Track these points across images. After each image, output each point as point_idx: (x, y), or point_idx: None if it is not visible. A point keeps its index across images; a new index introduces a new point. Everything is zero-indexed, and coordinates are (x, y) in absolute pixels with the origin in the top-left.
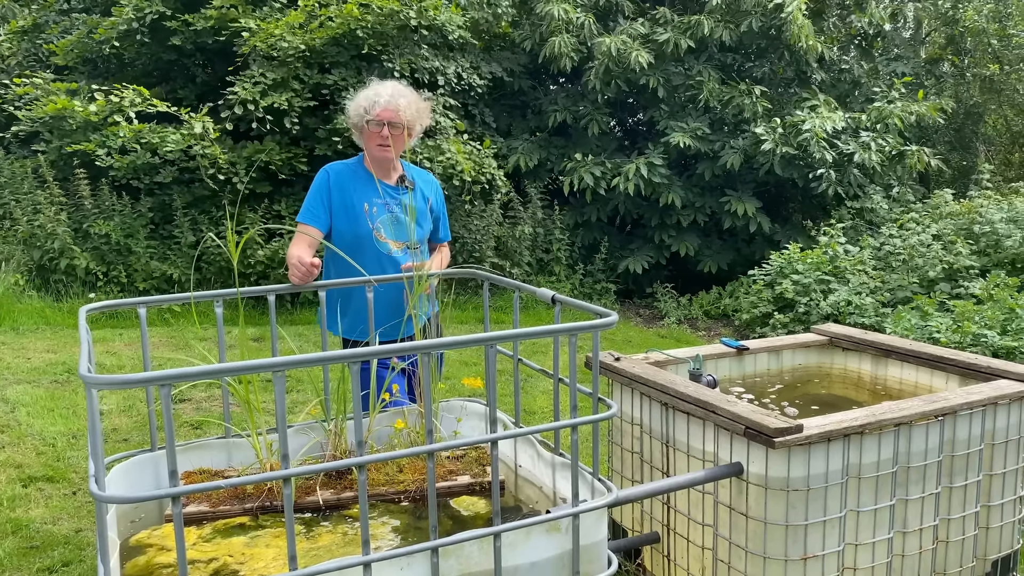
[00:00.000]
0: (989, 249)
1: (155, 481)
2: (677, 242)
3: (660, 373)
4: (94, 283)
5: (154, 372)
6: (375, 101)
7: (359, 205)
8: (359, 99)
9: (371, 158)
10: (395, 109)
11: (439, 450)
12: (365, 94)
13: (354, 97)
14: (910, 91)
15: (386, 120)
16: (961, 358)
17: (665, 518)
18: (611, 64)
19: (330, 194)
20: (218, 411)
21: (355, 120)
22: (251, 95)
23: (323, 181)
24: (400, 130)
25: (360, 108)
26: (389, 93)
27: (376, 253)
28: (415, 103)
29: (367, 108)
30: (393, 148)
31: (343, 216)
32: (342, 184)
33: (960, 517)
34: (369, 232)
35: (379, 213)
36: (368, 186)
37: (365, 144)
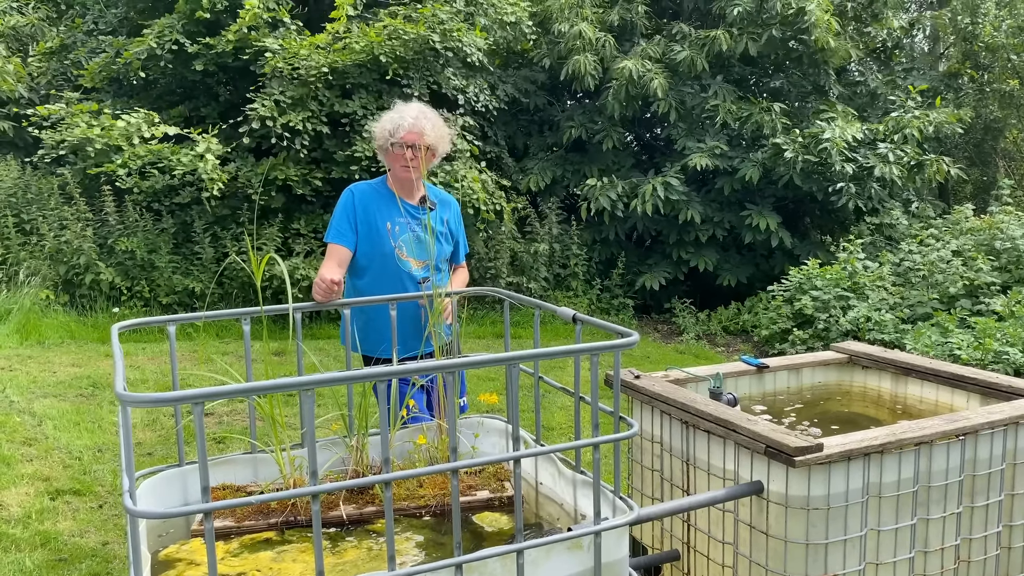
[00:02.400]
0: (1011, 265)
1: (183, 496)
2: (696, 257)
3: (680, 391)
4: (118, 298)
5: (188, 391)
6: (400, 124)
7: (382, 224)
8: (384, 121)
9: (395, 178)
10: (419, 132)
11: (463, 467)
12: (391, 116)
13: (379, 118)
14: (927, 100)
15: (410, 143)
16: (982, 377)
17: (685, 536)
18: (630, 87)
19: (355, 213)
20: (240, 425)
21: (380, 142)
22: (270, 112)
23: (348, 201)
24: (424, 152)
25: (385, 130)
26: (414, 116)
27: (398, 271)
28: (439, 126)
29: (392, 131)
30: (416, 169)
31: (367, 235)
32: (366, 204)
33: (982, 537)
34: (392, 251)
35: (401, 232)
36: (391, 205)
37: (390, 164)
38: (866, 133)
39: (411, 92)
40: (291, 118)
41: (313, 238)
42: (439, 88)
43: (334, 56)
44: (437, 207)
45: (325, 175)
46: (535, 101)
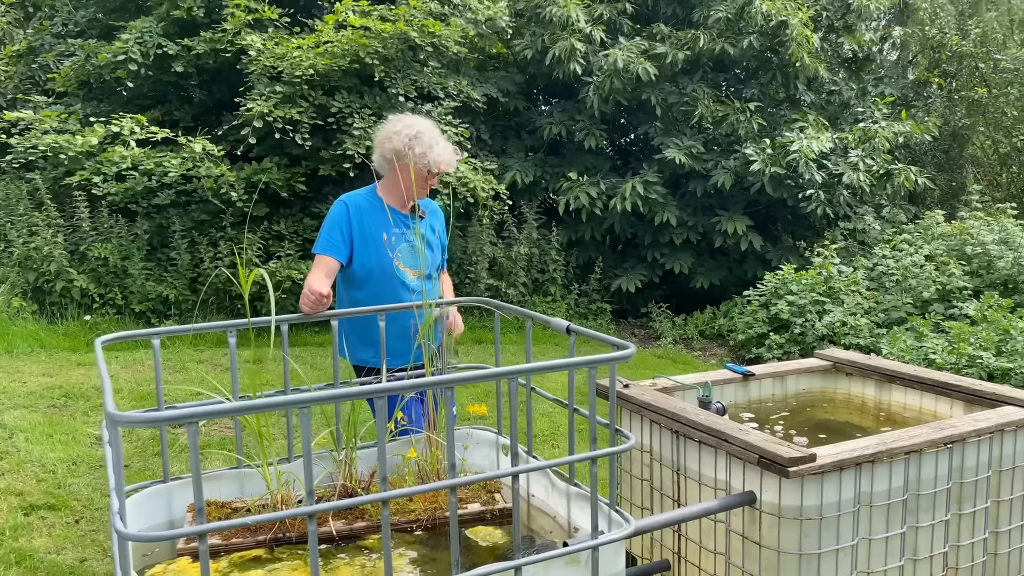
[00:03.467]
0: (981, 270)
1: (167, 513)
2: (670, 260)
3: (670, 400)
4: (90, 305)
5: (182, 410)
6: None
7: (379, 235)
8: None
9: (403, 192)
10: (449, 162)
11: (462, 484)
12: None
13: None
14: (895, 111)
15: (440, 171)
16: (966, 384)
17: (676, 546)
18: (614, 79)
19: (350, 224)
20: (219, 436)
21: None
22: (266, 108)
23: (342, 212)
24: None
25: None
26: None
27: (396, 282)
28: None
29: (434, 160)
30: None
31: (364, 246)
32: (361, 215)
33: (969, 544)
34: (390, 262)
35: (398, 243)
36: (385, 216)
37: (406, 180)
38: (836, 142)
39: (396, 92)
40: (288, 112)
41: (295, 241)
42: (422, 87)
43: (317, 59)
44: (427, 215)
45: (306, 172)
46: (513, 103)
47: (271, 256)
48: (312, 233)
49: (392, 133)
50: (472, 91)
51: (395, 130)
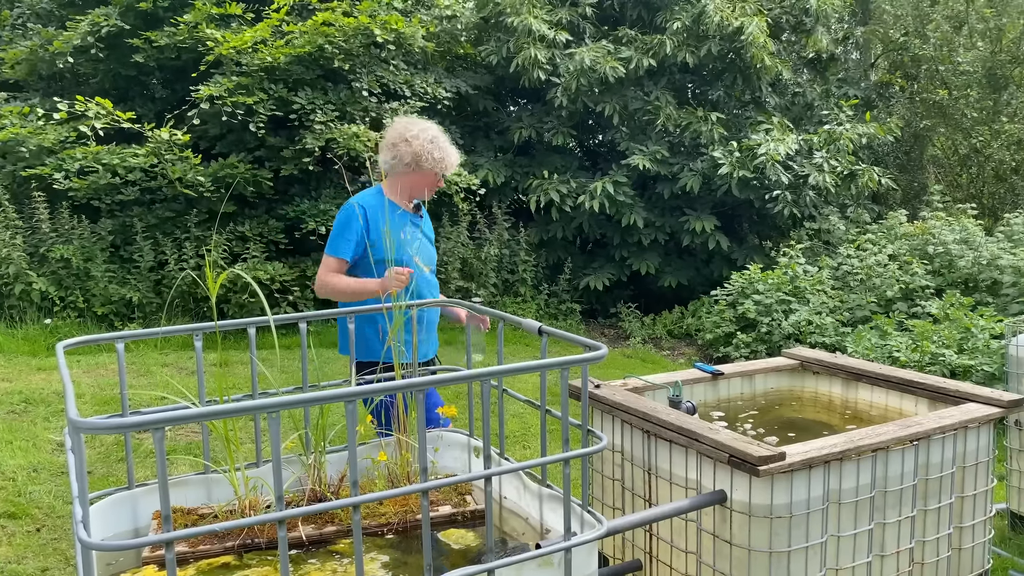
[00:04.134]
0: (943, 269)
1: (132, 520)
2: (638, 260)
3: (640, 400)
4: (50, 308)
5: (148, 416)
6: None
7: (397, 232)
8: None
9: (411, 193)
10: (454, 165)
11: (434, 487)
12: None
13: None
14: (859, 113)
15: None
16: (930, 382)
17: (647, 545)
18: (581, 79)
19: (366, 226)
20: (185, 440)
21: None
22: (217, 91)
23: (356, 214)
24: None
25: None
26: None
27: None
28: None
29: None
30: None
31: (383, 245)
32: (376, 216)
33: (934, 539)
34: (410, 258)
35: (412, 239)
36: (399, 215)
37: (415, 181)
38: (801, 144)
39: (360, 87)
40: (242, 99)
41: (259, 243)
42: (386, 83)
43: (276, 52)
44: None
45: (272, 172)
46: (483, 102)
47: (237, 258)
48: (278, 235)
49: (409, 136)
50: (439, 89)
51: (412, 133)
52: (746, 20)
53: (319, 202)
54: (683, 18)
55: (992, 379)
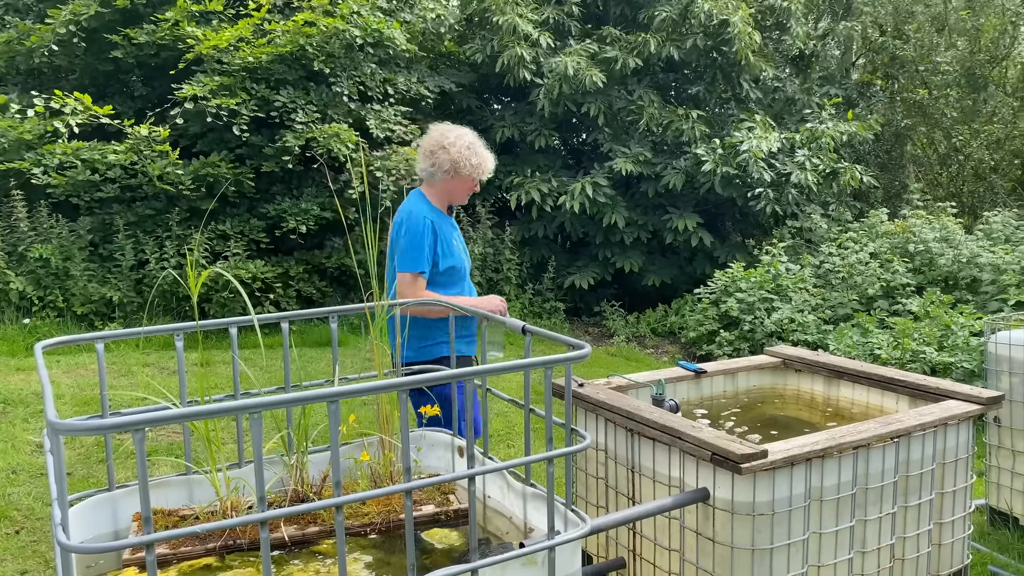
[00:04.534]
0: (924, 267)
1: (113, 522)
2: (621, 259)
3: (624, 399)
4: (29, 308)
5: (127, 417)
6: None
7: (451, 241)
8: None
9: (452, 198)
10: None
11: (418, 487)
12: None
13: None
14: (840, 111)
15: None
16: (911, 379)
17: (631, 543)
18: (563, 86)
19: (436, 237)
20: (166, 441)
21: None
22: (200, 91)
23: (428, 227)
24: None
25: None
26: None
27: (468, 280)
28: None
29: (477, 165)
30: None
31: (444, 251)
32: (439, 225)
33: (915, 535)
34: (464, 264)
35: (460, 245)
36: (449, 223)
37: (454, 187)
38: (783, 142)
39: (340, 90)
40: (224, 100)
41: (240, 241)
42: (364, 87)
43: (257, 51)
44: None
45: (253, 171)
46: (466, 101)
47: (218, 256)
48: (258, 234)
49: (446, 143)
50: (422, 88)
51: (449, 140)
52: (730, 14)
53: (300, 201)
54: (669, 10)
55: (972, 376)
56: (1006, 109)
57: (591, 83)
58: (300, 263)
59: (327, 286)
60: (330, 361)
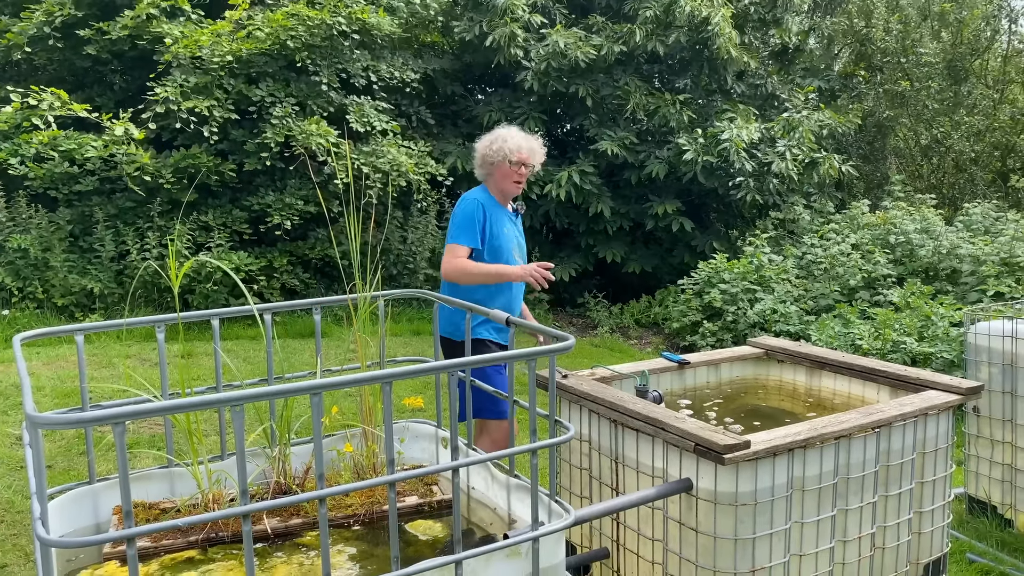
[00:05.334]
0: (904, 258)
1: (93, 516)
2: (604, 249)
3: (608, 390)
4: (8, 300)
5: (107, 410)
6: (520, 146)
7: (502, 228)
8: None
9: (502, 191)
10: (532, 152)
11: (402, 479)
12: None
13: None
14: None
15: (525, 162)
16: (891, 370)
17: (614, 534)
18: (552, 62)
19: (485, 219)
20: (148, 433)
21: (495, 159)
22: (173, 95)
23: (479, 208)
24: (529, 169)
25: (504, 151)
26: (527, 140)
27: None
28: (541, 149)
29: (511, 150)
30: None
31: (495, 237)
32: (489, 211)
33: (895, 524)
34: (511, 250)
35: (511, 235)
36: (504, 212)
37: (499, 179)
38: (764, 132)
39: (320, 80)
40: (196, 103)
41: (223, 232)
42: (347, 76)
43: (237, 45)
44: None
45: (236, 166)
46: (450, 87)
47: (200, 247)
48: (241, 225)
49: (480, 146)
50: (407, 72)
51: (482, 143)
52: (712, 11)
53: (284, 195)
54: (654, 7)
55: (951, 366)
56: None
57: (584, 56)
58: (284, 254)
59: (311, 277)
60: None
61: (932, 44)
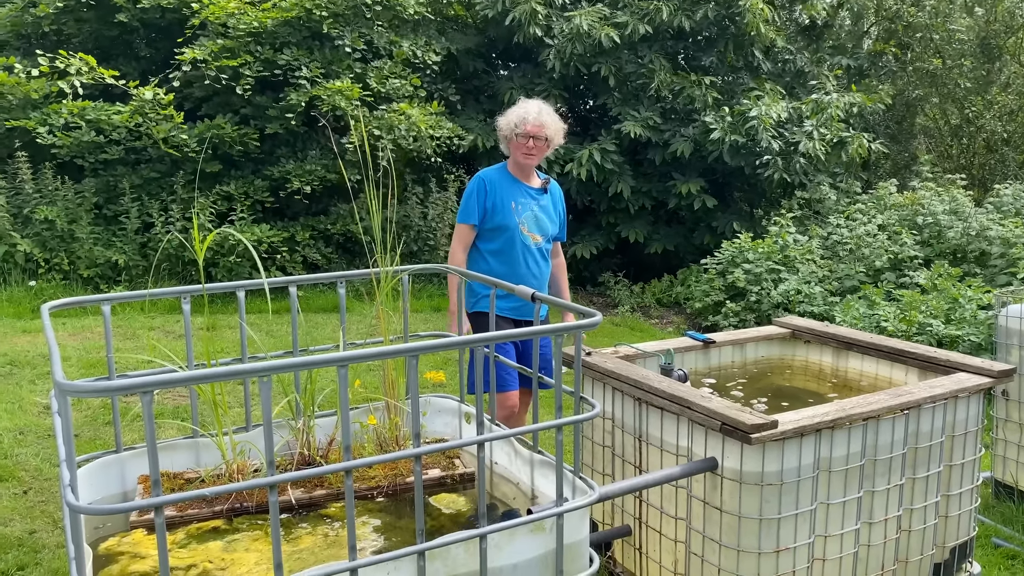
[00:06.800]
0: (932, 240)
1: (120, 484)
2: (626, 228)
3: (632, 368)
4: (35, 270)
5: (135, 379)
6: (524, 118)
7: (508, 202)
8: (510, 115)
9: (516, 164)
10: (540, 125)
11: (427, 453)
12: (516, 112)
13: (504, 113)
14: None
15: (532, 134)
16: (921, 351)
17: (637, 511)
18: (576, 43)
19: (486, 195)
20: (172, 404)
21: (506, 132)
22: (201, 55)
23: (480, 186)
24: (542, 143)
25: (511, 123)
26: (536, 111)
27: (520, 242)
28: (556, 121)
29: (517, 123)
30: (536, 157)
31: (496, 212)
32: (494, 186)
33: (922, 507)
34: (516, 225)
35: (523, 210)
36: (514, 187)
37: (512, 152)
38: (791, 112)
39: (344, 45)
40: (227, 62)
41: (245, 203)
42: (372, 43)
43: (263, 15)
44: (552, 192)
45: (258, 131)
46: (472, 65)
47: (223, 219)
48: (263, 195)
49: (504, 120)
50: (430, 52)
51: (507, 117)
52: None
53: (304, 163)
54: None
55: (979, 349)
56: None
57: (606, 39)
58: (306, 228)
59: (332, 252)
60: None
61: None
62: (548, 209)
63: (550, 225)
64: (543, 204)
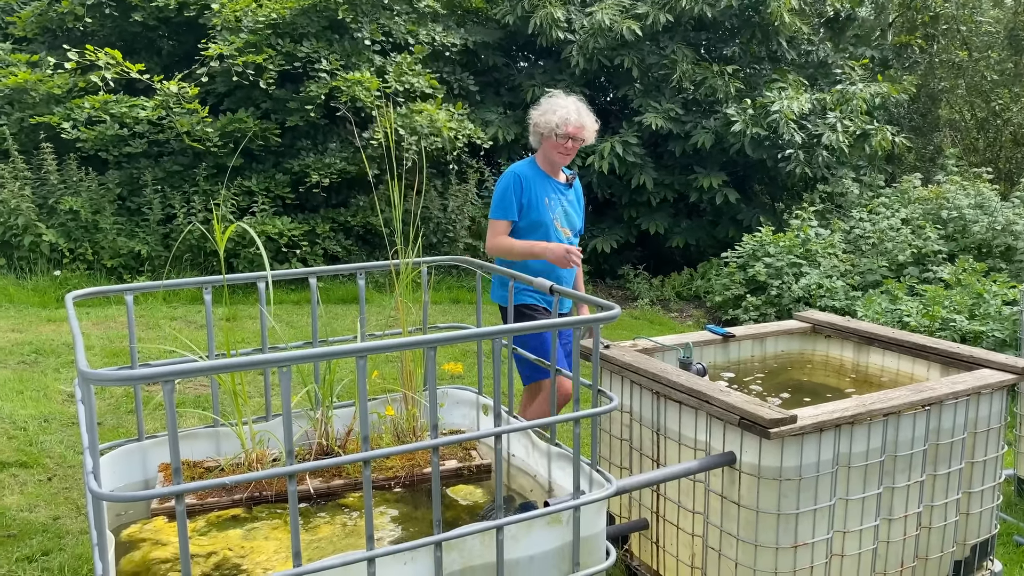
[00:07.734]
0: (956, 234)
1: (142, 471)
2: (647, 221)
3: (651, 361)
4: (59, 260)
5: (157, 368)
6: (566, 119)
7: (542, 199)
8: (549, 114)
9: (549, 161)
10: (581, 127)
11: (445, 444)
12: (556, 111)
13: (540, 107)
14: (876, 70)
15: (572, 135)
16: (943, 347)
17: (654, 505)
18: (598, 38)
19: (522, 191)
20: (193, 394)
21: (543, 130)
22: (227, 51)
23: (515, 181)
24: (580, 143)
25: (551, 123)
26: (576, 112)
27: (554, 236)
28: (593, 123)
29: (559, 123)
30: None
31: (532, 208)
32: (529, 182)
33: (943, 504)
34: (550, 220)
35: (555, 206)
36: (547, 183)
37: (547, 149)
38: (815, 103)
39: (364, 38)
40: (251, 57)
41: (267, 196)
42: (390, 32)
43: (279, 5)
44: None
45: (279, 125)
46: (492, 58)
47: (244, 212)
48: (283, 189)
49: (534, 114)
50: (447, 37)
51: (538, 111)
52: None
53: (324, 156)
54: None
55: (1003, 345)
56: None
57: (628, 32)
58: (326, 221)
59: (352, 244)
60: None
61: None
62: (575, 204)
63: (577, 220)
64: (570, 199)
